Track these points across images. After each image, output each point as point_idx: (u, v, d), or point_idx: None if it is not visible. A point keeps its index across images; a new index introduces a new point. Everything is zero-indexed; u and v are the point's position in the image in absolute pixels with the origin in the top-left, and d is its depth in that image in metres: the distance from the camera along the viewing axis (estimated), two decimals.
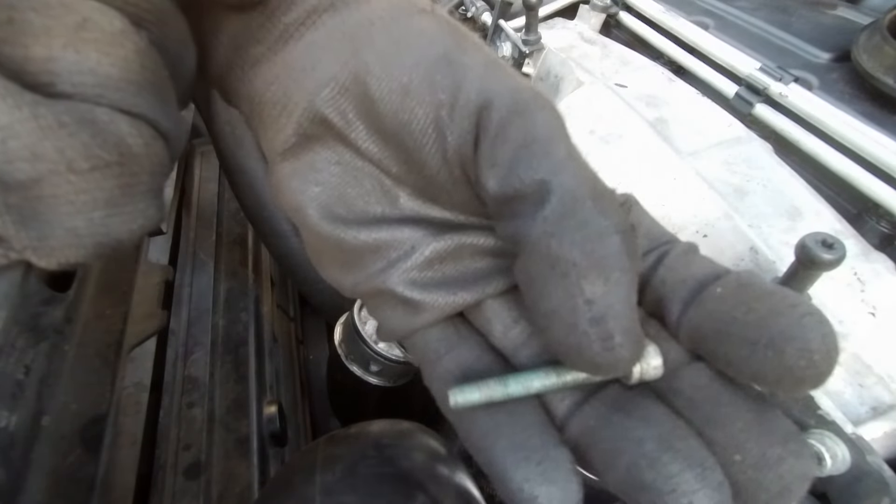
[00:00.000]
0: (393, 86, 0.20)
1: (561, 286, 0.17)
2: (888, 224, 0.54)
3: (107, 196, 0.19)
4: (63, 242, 0.18)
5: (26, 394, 0.35)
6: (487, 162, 0.19)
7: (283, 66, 0.23)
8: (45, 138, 0.17)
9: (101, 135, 0.18)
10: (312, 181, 0.23)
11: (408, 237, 0.22)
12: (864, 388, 0.42)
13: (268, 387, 0.68)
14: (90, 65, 0.18)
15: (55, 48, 0.17)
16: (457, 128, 0.19)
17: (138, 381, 0.60)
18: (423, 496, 0.40)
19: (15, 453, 0.33)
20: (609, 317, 0.17)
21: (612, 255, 0.17)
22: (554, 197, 0.18)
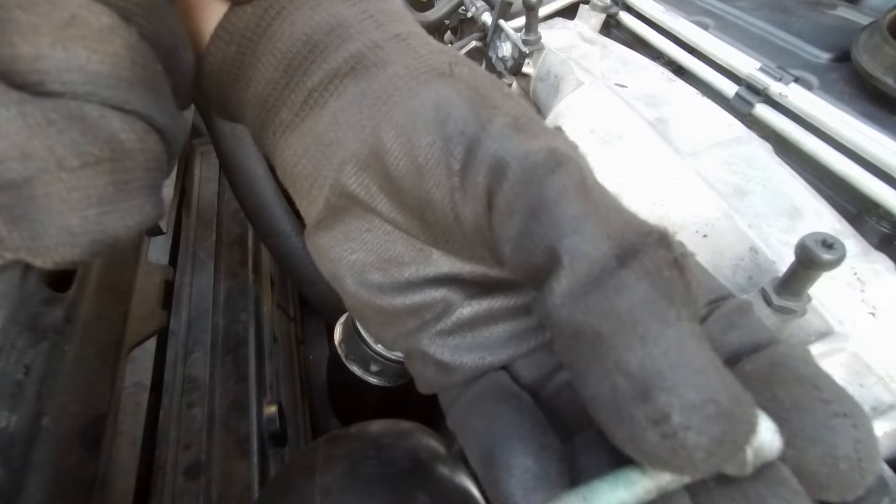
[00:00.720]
0: (410, 166, 0.19)
1: (594, 364, 0.14)
2: (888, 224, 0.54)
3: (100, 193, 0.19)
4: (57, 241, 0.18)
5: (26, 394, 0.35)
6: (501, 239, 0.17)
7: (312, 137, 0.23)
8: (34, 136, 0.17)
9: (92, 131, 0.18)
10: (347, 250, 0.23)
11: (440, 299, 0.22)
12: (864, 388, 0.42)
13: (268, 387, 0.68)
14: (79, 62, 0.18)
15: (43, 46, 0.17)
16: (471, 209, 0.18)
17: (138, 381, 0.60)
18: (423, 496, 0.40)
19: (15, 453, 0.33)
20: (656, 389, 0.13)
21: (641, 308, 0.14)
22: (564, 264, 0.15)
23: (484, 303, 0.22)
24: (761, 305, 0.43)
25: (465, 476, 0.45)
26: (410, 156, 0.19)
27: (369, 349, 0.66)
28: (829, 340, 0.44)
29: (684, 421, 0.12)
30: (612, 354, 0.13)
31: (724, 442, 0.13)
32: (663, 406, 0.13)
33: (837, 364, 0.43)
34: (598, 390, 0.14)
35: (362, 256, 0.23)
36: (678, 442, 0.13)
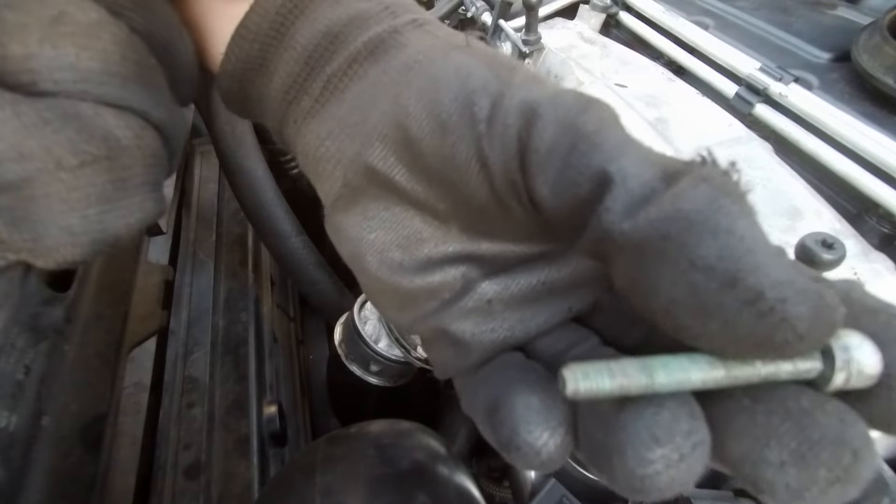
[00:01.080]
0: (433, 125, 0.19)
1: (665, 269, 0.13)
2: (888, 224, 0.54)
3: (99, 192, 0.19)
4: (58, 242, 0.18)
5: (26, 394, 0.35)
6: (538, 178, 0.17)
7: (335, 120, 0.23)
8: (30, 137, 0.17)
9: (87, 129, 0.18)
10: (367, 228, 0.23)
11: (459, 277, 0.22)
12: None
13: (268, 387, 0.68)
14: (69, 60, 0.18)
15: (32, 45, 0.17)
16: (499, 155, 0.18)
17: (138, 381, 0.60)
18: (423, 496, 0.40)
19: (15, 453, 0.33)
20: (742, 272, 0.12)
21: (707, 206, 0.13)
22: (617, 182, 0.15)
23: (503, 281, 0.22)
24: None
25: (466, 476, 0.45)
26: (433, 115, 0.19)
27: (369, 349, 0.66)
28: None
29: (779, 294, 0.12)
30: (684, 252, 0.13)
31: (822, 313, 0.12)
32: (754, 285, 0.12)
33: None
34: (675, 294, 0.13)
35: (381, 235, 0.23)
36: (777, 315, 0.12)
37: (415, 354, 0.64)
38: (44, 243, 0.18)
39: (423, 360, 0.64)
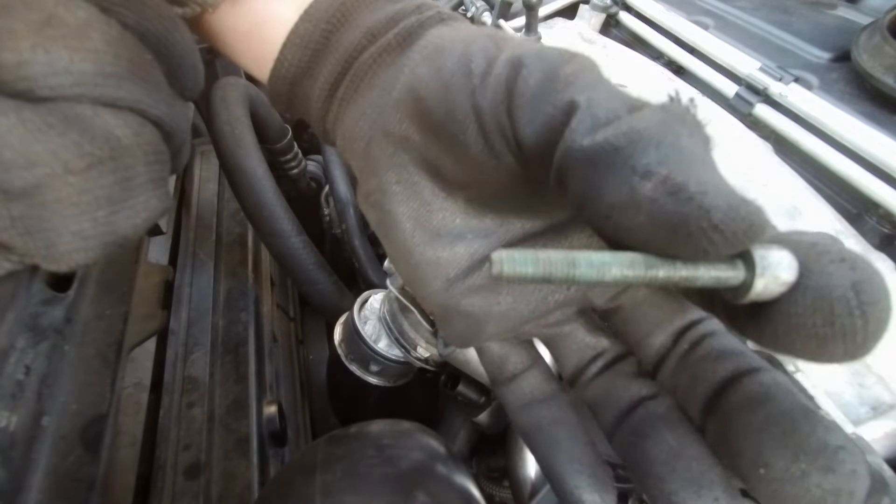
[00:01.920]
0: (437, 84, 0.21)
1: (610, 177, 0.14)
2: (888, 224, 0.54)
3: (107, 193, 0.19)
4: (71, 247, 0.18)
5: (26, 394, 0.35)
6: (521, 120, 0.18)
7: (368, 103, 0.25)
8: (36, 142, 0.17)
9: (90, 131, 0.18)
10: (385, 201, 0.24)
11: (465, 255, 0.23)
12: (864, 388, 0.42)
13: (268, 387, 0.68)
14: (63, 63, 0.18)
15: (24, 51, 0.17)
16: (490, 102, 0.19)
17: (138, 381, 0.60)
18: (423, 496, 0.40)
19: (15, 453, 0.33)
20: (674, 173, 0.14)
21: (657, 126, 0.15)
22: (582, 107, 0.16)
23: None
24: None
25: (466, 476, 0.45)
26: (438, 76, 0.21)
27: (369, 349, 0.66)
28: None
29: (701, 188, 0.13)
30: (629, 161, 0.14)
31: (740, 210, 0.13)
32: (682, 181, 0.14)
33: (837, 364, 0.43)
34: (615, 198, 0.14)
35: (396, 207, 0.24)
36: (695, 203, 0.13)
37: (415, 354, 0.64)
38: (57, 249, 0.18)
39: (423, 360, 0.64)
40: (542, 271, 0.15)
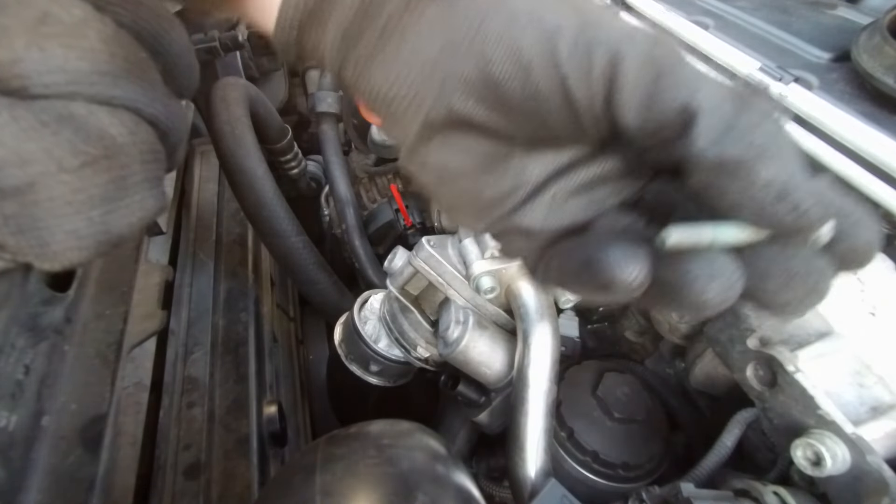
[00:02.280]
0: (515, 68, 0.21)
1: (735, 183, 0.19)
2: (888, 224, 0.54)
3: (101, 192, 0.19)
4: (65, 246, 0.18)
5: (26, 394, 0.35)
6: (624, 109, 0.20)
7: (402, 62, 0.24)
8: (30, 140, 0.17)
9: (84, 130, 0.18)
10: (447, 157, 0.25)
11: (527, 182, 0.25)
12: (864, 388, 0.42)
13: (268, 387, 0.68)
14: (57, 62, 0.18)
15: (18, 48, 0.17)
16: (585, 92, 0.20)
17: (138, 381, 0.60)
18: (423, 496, 0.40)
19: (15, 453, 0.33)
20: (791, 189, 0.19)
21: (771, 138, 0.19)
22: (701, 114, 0.19)
23: (565, 179, 0.25)
24: None
25: (466, 476, 0.45)
26: (514, 59, 0.21)
27: (369, 349, 0.66)
28: (829, 340, 0.44)
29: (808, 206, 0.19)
30: (752, 174, 0.19)
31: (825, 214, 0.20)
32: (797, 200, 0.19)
33: (837, 364, 0.43)
34: (738, 199, 0.19)
35: (459, 159, 0.25)
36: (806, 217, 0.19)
37: (415, 354, 0.64)
38: (51, 248, 0.18)
39: (423, 360, 0.64)
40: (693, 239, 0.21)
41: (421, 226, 0.88)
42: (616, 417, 0.52)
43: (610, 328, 0.71)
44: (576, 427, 0.52)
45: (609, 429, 0.52)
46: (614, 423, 0.52)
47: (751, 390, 0.44)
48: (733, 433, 0.46)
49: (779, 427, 0.42)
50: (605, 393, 0.53)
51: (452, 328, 0.56)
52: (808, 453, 0.38)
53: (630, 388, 0.54)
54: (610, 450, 0.51)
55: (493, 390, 0.57)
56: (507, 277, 0.53)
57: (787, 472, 0.44)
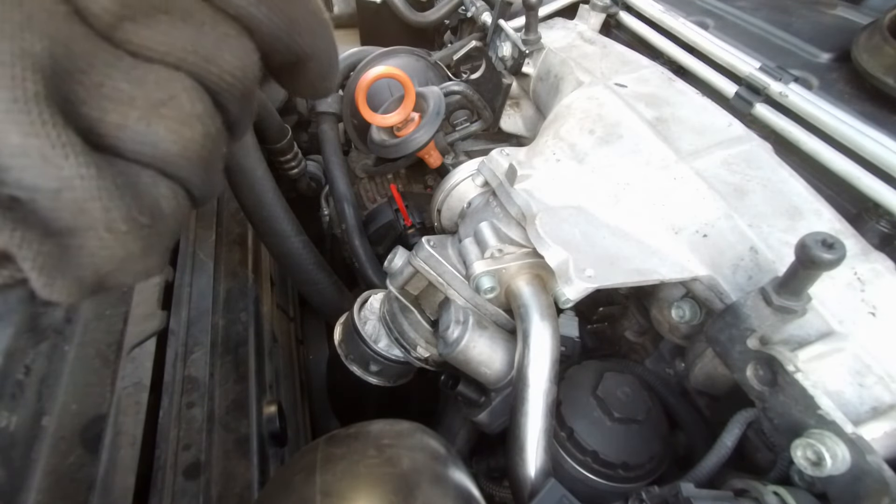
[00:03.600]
0: None
1: None
2: (888, 224, 0.54)
3: (125, 255, 0.19)
4: (66, 289, 0.19)
5: (26, 394, 0.35)
6: None
7: None
8: (98, 198, 0.18)
9: (142, 198, 0.19)
10: None
11: None
12: (864, 388, 0.42)
13: (268, 387, 0.68)
14: (154, 139, 0.19)
15: (130, 119, 0.18)
16: None
17: (138, 381, 0.60)
18: (423, 496, 0.40)
19: (15, 453, 0.33)
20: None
21: None
22: None
23: None
24: (761, 305, 0.43)
25: (466, 476, 0.45)
26: None
27: (369, 349, 0.66)
28: (829, 340, 0.44)
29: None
30: None
31: None
32: None
33: (837, 364, 0.43)
34: None
35: None
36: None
37: (415, 354, 0.64)
38: (56, 286, 0.19)
39: (423, 360, 0.64)
40: None
41: (421, 226, 0.88)
42: (616, 417, 0.52)
43: (610, 328, 0.72)
44: (576, 427, 0.52)
45: (609, 429, 0.52)
46: (614, 423, 0.52)
47: (751, 390, 0.44)
48: (733, 433, 0.46)
49: (779, 427, 0.42)
50: (605, 393, 0.53)
51: (452, 328, 0.56)
52: (808, 453, 0.38)
53: (630, 388, 0.54)
54: (610, 450, 0.51)
55: (493, 390, 0.57)
56: (506, 277, 0.53)
57: (787, 472, 0.44)
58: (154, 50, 0.18)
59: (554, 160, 0.59)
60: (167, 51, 0.19)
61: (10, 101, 0.15)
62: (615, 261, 0.49)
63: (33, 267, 0.18)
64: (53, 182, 0.17)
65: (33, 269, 0.18)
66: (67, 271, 0.19)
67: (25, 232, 0.17)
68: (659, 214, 0.54)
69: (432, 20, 1.24)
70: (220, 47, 0.20)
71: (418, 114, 0.80)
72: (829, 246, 0.37)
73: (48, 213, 0.17)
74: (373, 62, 0.95)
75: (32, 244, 0.17)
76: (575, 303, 0.47)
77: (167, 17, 0.19)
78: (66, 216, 0.17)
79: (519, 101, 0.92)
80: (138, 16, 0.18)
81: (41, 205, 0.17)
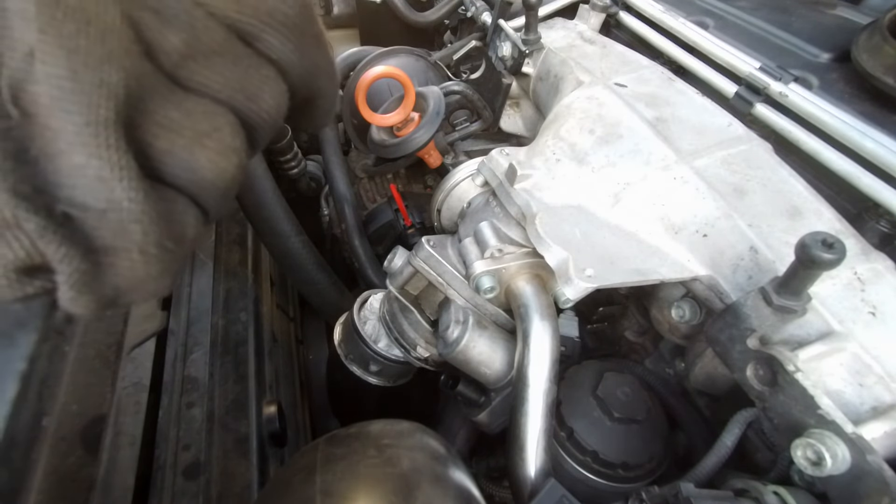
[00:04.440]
0: None
1: None
2: (888, 224, 0.54)
3: (147, 276, 0.20)
4: (88, 305, 0.20)
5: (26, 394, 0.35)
6: None
7: None
8: (139, 222, 0.18)
9: (174, 225, 0.20)
10: None
11: None
12: (864, 388, 0.42)
13: (267, 387, 0.68)
14: (194, 166, 0.20)
15: (176, 147, 0.19)
16: None
17: (138, 381, 0.60)
18: (423, 496, 0.40)
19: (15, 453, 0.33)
20: None
21: None
22: None
23: None
24: (761, 305, 0.43)
25: (466, 476, 0.45)
26: None
27: (369, 349, 0.66)
28: (829, 340, 0.44)
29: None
30: None
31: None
32: None
33: (837, 364, 0.43)
34: None
35: None
36: None
37: (415, 354, 0.64)
38: (77, 301, 0.20)
39: (423, 360, 0.64)
40: None
41: (421, 226, 0.88)
42: (616, 417, 0.52)
43: (610, 328, 0.72)
44: (576, 427, 0.52)
45: (609, 429, 0.52)
46: (614, 423, 0.52)
47: (751, 390, 0.44)
48: (733, 433, 0.46)
49: (779, 427, 0.42)
50: (605, 393, 0.53)
51: (452, 328, 0.56)
52: (809, 453, 0.38)
53: (630, 388, 0.54)
54: (610, 450, 0.51)
55: (492, 390, 0.57)
56: (506, 277, 0.53)
57: (787, 472, 0.44)
58: (209, 87, 0.20)
59: (554, 160, 0.59)
60: (220, 89, 0.20)
61: (83, 124, 0.17)
62: (615, 261, 0.49)
63: (67, 281, 0.19)
64: (103, 202, 0.18)
65: (67, 283, 0.19)
66: (95, 289, 0.19)
67: (70, 248, 0.18)
68: (659, 214, 0.54)
69: (432, 20, 1.24)
70: (262, 89, 0.21)
71: (418, 114, 0.80)
72: (829, 246, 0.37)
73: (91, 230, 0.18)
74: (373, 62, 0.95)
75: (73, 261, 0.18)
76: (575, 303, 0.47)
77: (222, 59, 0.20)
78: (106, 235, 0.18)
79: (519, 101, 0.92)
80: (199, 56, 0.20)
81: (87, 223, 0.18)
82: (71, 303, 0.19)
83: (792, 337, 0.45)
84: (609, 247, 0.51)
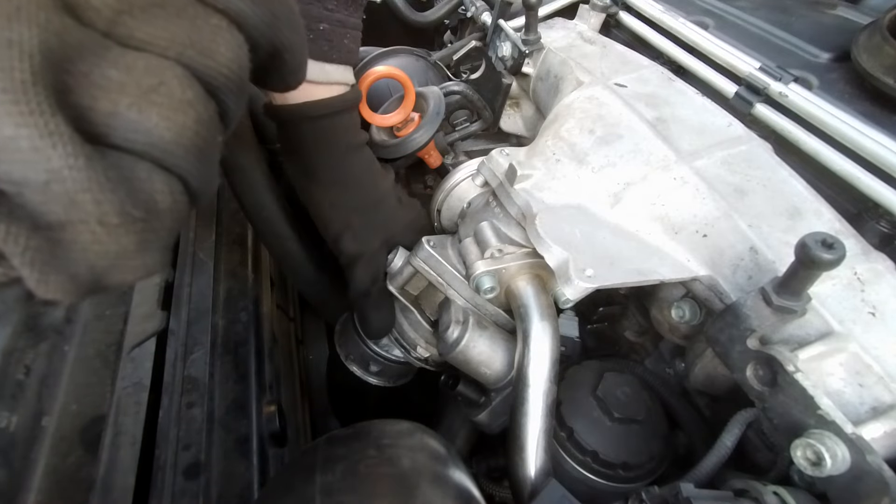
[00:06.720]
0: None
1: None
2: (888, 224, 0.54)
3: (120, 250, 0.19)
4: (61, 286, 0.19)
5: (26, 394, 0.35)
6: None
7: None
8: (88, 190, 0.17)
9: (137, 192, 0.19)
10: None
11: None
12: (864, 388, 0.42)
13: (267, 387, 0.68)
14: (147, 126, 0.18)
15: (121, 105, 0.18)
16: None
17: (138, 381, 0.60)
18: (423, 496, 0.40)
19: (15, 453, 0.33)
20: None
21: None
22: None
23: None
24: (761, 305, 0.43)
25: (466, 476, 0.45)
26: None
27: (369, 349, 0.66)
28: (829, 340, 0.44)
29: None
30: None
31: None
32: None
33: (837, 364, 0.43)
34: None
35: None
36: None
37: (415, 354, 0.64)
38: (47, 284, 0.18)
39: (423, 360, 0.64)
40: None
41: None
42: (616, 417, 0.52)
43: (610, 328, 0.72)
44: (576, 427, 0.52)
45: (609, 429, 0.52)
46: (614, 423, 0.52)
47: (751, 390, 0.44)
48: (733, 433, 0.46)
49: (779, 427, 0.42)
50: (605, 393, 0.53)
51: (452, 328, 0.56)
52: (808, 453, 0.38)
53: (630, 388, 0.54)
54: (610, 450, 0.51)
55: (492, 390, 0.57)
56: (506, 277, 0.53)
57: (787, 472, 0.44)
58: (154, 45, 0.19)
59: (554, 160, 0.59)
60: (166, 45, 0.19)
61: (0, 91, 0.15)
62: (615, 261, 0.49)
63: (23, 262, 0.18)
64: (42, 174, 0.16)
65: (23, 264, 0.18)
66: (60, 267, 0.18)
67: (11, 226, 0.17)
68: (659, 214, 0.54)
69: (432, 20, 1.24)
70: (215, 40, 0.20)
71: (418, 114, 0.80)
72: (829, 246, 0.37)
73: (37, 206, 0.17)
74: (372, 62, 0.95)
75: (19, 238, 0.17)
76: (575, 303, 0.47)
77: (163, 11, 0.19)
78: (56, 209, 0.17)
79: (519, 101, 0.92)
80: (135, 10, 0.18)
81: (29, 198, 0.17)
82: (41, 287, 0.18)
83: (792, 337, 0.45)
84: (609, 247, 0.51)
